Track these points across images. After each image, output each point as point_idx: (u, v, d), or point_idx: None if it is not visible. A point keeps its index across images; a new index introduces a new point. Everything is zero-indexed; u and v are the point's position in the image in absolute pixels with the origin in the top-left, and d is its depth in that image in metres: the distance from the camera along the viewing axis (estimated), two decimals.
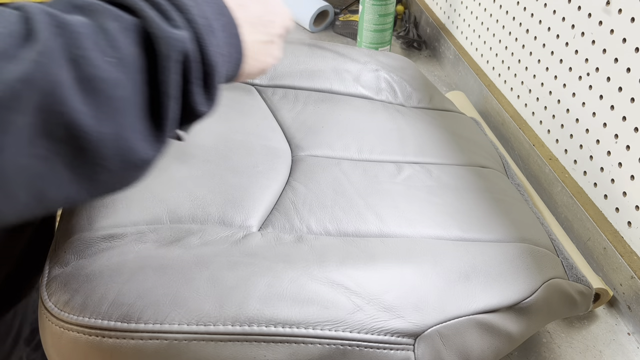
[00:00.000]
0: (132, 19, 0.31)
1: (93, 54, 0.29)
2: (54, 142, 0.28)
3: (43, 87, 0.27)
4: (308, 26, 1.17)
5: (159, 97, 0.32)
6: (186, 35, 0.32)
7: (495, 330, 0.47)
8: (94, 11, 0.31)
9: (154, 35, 0.31)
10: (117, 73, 0.30)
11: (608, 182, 0.63)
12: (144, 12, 0.32)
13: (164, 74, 0.32)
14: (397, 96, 0.74)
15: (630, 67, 0.58)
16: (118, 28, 0.30)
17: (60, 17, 0.29)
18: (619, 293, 0.60)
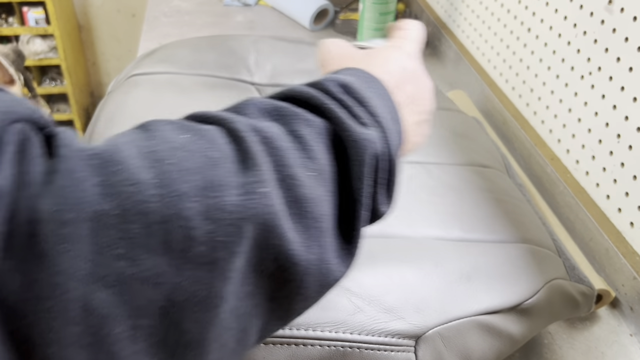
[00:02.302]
0: (322, 122, 0.29)
1: (298, 170, 0.27)
2: (262, 277, 0.25)
3: (262, 221, 0.24)
4: (308, 25, 1.16)
5: (352, 206, 0.29)
6: (375, 135, 0.30)
7: (496, 331, 0.46)
8: (284, 116, 0.29)
9: (347, 139, 0.29)
10: (319, 188, 0.27)
11: (610, 182, 0.62)
12: (333, 112, 0.29)
13: (358, 182, 0.29)
14: None
15: (633, 66, 0.58)
16: (311, 135, 0.28)
17: (263, 131, 0.26)
18: (621, 294, 0.60)
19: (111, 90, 0.69)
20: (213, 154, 0.24)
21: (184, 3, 1.28)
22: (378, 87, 0.34)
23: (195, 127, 0.26)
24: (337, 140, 0.29)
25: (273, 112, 0.29)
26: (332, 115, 0.29)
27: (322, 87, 0.31)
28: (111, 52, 2.20)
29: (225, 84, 0.69)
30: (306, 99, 0.30)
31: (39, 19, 1.80)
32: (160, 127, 0.25)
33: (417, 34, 0.43)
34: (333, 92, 0.31)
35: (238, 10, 1.26)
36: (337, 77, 0.32)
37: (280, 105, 0.29)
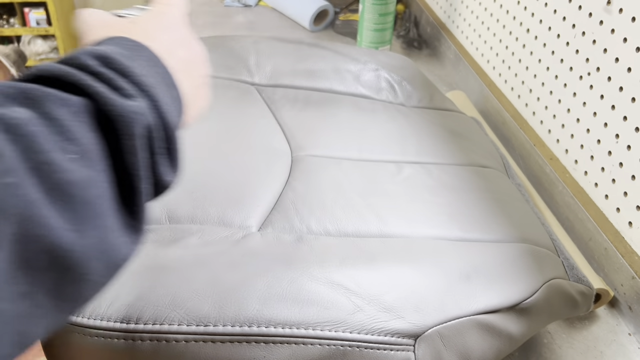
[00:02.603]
0: (80, 100, 0.27)
1: (54, 155, 0.25)
2: (35, 272, 0.24)
3: (16, 213, 0.23)
4: (308, 25, 1.16)
5: (129, 181, 0.29)
6: (144, 105, 0.29)
7: (496, 330, 0.47)
8: (33, 99, 0.26)
9: (110, 113, 0.28)
10: (84, 170, 0.26)
11: (609, 182, 0.63)
12: (91, 87, 0.28)
13: (131, 156, 0.28)
14: (397, 96, 0.74)
15: (631, 67, 0.58)
16: (68, 115, 0.26)
17: (7, 118, 0.24)
18: (620, 293, 0.60)
19: None
20: None
21: None
22: (146, 54, 0.33)
23: None
24: (102, 117, 0.28)
25: (20, 97, 0.26)
26: (91, 91, 0.28)
27: (76, 63, 0.29)
28: None
29: (226, 85, 0.69)
30: (58, 76, 0.28)
31: (40, 19, 1.80)
32: None
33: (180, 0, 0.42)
34: (89, 65, 0.29)
35: (238, 10, 1.26)
36: (94, 49, 0.30)
37: (28, 87, 0.27)
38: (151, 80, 0.31)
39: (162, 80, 0.33)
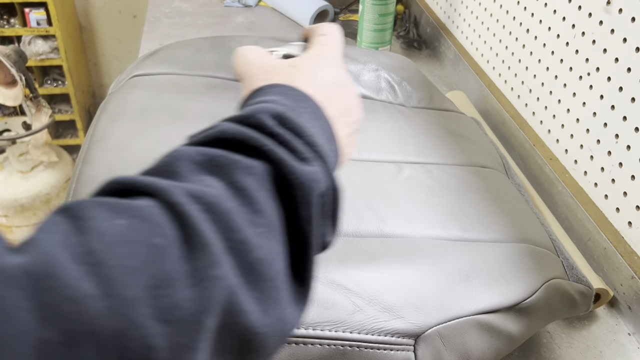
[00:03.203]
0: (262, 166, 0.27)
1: (248, 232, 0.25)
2: (224, 355, 0.23)
3: (222, 306, 0.22)
4: (308, 26, 1.17)
5: (302, 249, 0.28)
6: (319, 170, 0.29)
7: (495, 330, 0.47)
8: (220, 167, 0.26)
9: (292, 181, 0.27)
10: (271, 244, 0.26)
11: (608, 182, 0.63)
12: (273, 153, 0.27)
13: (307, 224, 0.28)
14: (397, 96, 0.74)
15: (631, 67, 0.58)
16: (254, 184, 0.26)
17: (205, 197, 0.24)
18: (620, 293, 0.60)
19: (112, 91, 0.70)
20: (156, 241, 0.22)
21: (185, 4, 1.28)
22: (310, 105, 0.33)
23: (129, 206, 0.23)
24: (280, 181, 0.28)
25: (208, 164, 0.26)
26: (273, 157, 0.28)
27: (255, 123, 0.29)
28: (112, 52, 2.21)
29: (226, 85, 0.69)
30: (241, 140, 0.28)
31: (41, 19, 1.80)
32: (90, 212, 0.22)
33: (337, 38, 0.41)
34: (268, 126, 0.29)
35: (239, 11, 1.26)
36: (269, 107, 0.30)
37: (214, 154, 0.27)
38: (321, 140, 0.31)
39: (324, 134, 0.32)
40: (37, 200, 1.70)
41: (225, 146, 0.28)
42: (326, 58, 0.38)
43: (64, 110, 2.05)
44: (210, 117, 0.62)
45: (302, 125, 0.30)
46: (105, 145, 0.57)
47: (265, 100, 0.32)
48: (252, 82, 0.36)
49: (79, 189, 0.52)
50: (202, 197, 0.24)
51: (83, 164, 0.56)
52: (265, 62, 0.38)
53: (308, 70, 0.36)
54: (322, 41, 0.40)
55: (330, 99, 0.35)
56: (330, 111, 0.34)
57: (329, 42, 0.40)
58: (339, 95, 0.37)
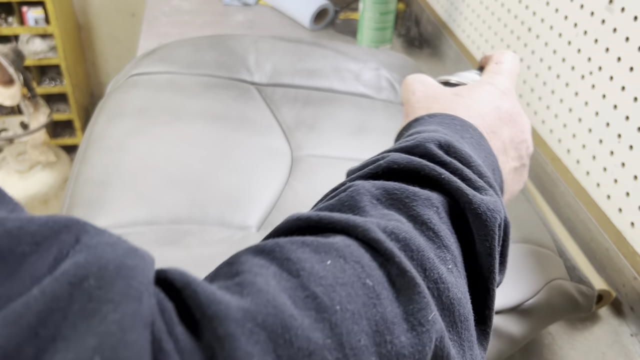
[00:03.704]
0: (439, 198, 0.26)
1: (441, 270, 0.24)
2: None
3: (435, 352, 0.22)
4: (308, 24, 1.16)
5: (484, 284, 0.26)
6: (498, 201, 0.27)
7: (497, 331, 0.46)
8: (400, 199, 0.25)
9: (471, 211, 0.26)
10: (458, 282, 0.24)
11: (611, 182, 0.62)
12: (449, 182, 0.26)
13: (489, 257, 0.26)
14: (398, 95, 0.74)
15: (634, 66, 0.58)
16: (435, 217, 0.25)
17: (398, 232, 0.23)
18: (622, 294, 0.60)
19: (111, 90, 0.69)
20: (367, 282, 0.21)
21: (184, 2, 1.28)
22: (472, 135, 0.31)
23: (329, 245, 0.22)
24: (458, 212, 0.26)
25: (387, 198, 0.26)
26: (449, 187, 0.26)
27: (423, 152, 0.28)
28: (111, 51, 2.20)
29: (225, 84, 0.69)
30: (414, 170, 0.27)
31: (39, 18, 1.80)
32: (294, 254, 0.21)
33: (513, 67, 0.38)
34: (437, 155, 0.28)
35: (238, 9, 1.26)
36: (433, 136, 0.29)
37: (391, 187, 0.26)
38: (487, 171, 0.29)
39: (489, 165, 0.30)
40: (35, 200, 1.69)
41: (398, 177, 0.27)
42: (495, 87, 0.36)
43: (62, 110, 2.04)
44: (209, 116, 0.62)
45: (468, 154, 0.29)
46: (104, 145, 0.56)
47: (424, 131, 0.30)
48: (412, 110, 0.35)
49: (77, 188, 0.52)
50: (396, 234, 0.23)
51: (81, 164, 0.55)
52: (429, 90, 0.36)
53: (473, 99, 0.34)
54: (495, 69, 0.38)
55: (495, 130, 0.33)
56: (495, 143, 0.32)
57: (502, 71, 0.38)
58: (506, 127, 0.34)
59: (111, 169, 0.53)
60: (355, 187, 0.26)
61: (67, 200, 0.51)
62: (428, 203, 0.26)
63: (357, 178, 0.28)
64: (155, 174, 0.53)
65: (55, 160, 1.73)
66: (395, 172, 0.27)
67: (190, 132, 0.59)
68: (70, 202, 0.51)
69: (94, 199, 0.50)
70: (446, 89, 0.36)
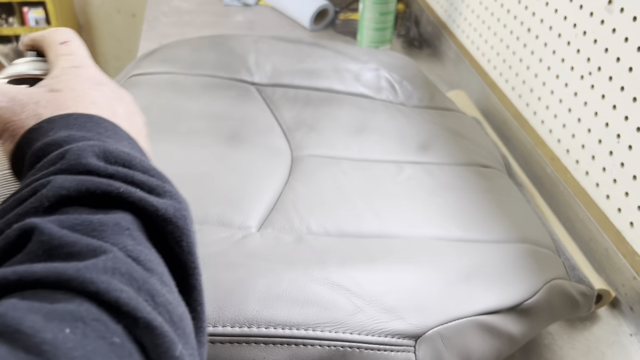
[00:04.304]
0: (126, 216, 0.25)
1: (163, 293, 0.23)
2: None
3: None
4: (308, 25, 1.16)
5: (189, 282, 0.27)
6: (175, 193, 0.27)
7: (496, 331, 0.46)
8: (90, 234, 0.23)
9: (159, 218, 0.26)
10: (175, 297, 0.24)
11: (610, 182, 0.62)
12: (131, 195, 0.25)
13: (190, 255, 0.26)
14: (397, 95, 0.74)
15: (632, 66, 0.58)
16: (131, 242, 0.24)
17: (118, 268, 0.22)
18: (621, 294, 0.60)
19: None
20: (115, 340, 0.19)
21: (184, 3, 1.28)
22: (106, 127, 0.29)
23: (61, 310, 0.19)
24: (148, 222, 0.25)
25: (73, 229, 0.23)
26: (130, 200, 0.25)
27: (85, 168, 0.25)
28: (111, 52, 2.20)
29: (225, 84, 0.69)
30: (88, 192, 0.24)
31: (39, 19, 1.80)
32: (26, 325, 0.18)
33: (80, 43, 0.36)
34: (100, 168, 0.26)
35: (238, 10, 1.26)
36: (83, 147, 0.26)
37: (72, 222, 0.23)
38: (145, 161, 0.28)
39: (137, 152, 0.29)
40: None
41: (71, 205, 0.24)
42: (85, 69, 0.33)
43: None
44: (210, 116, 0.62)
45: (126, 153, 0.27)
46: None
47: (56, 141, 0.27)
48: (12, 126, 0.29)
49: None
50: (117, 268, 0.22)
51: None
52: (15, 97, 0.30)
53: (75, 89, 0.31)
54: (66, 51, 0.34)
55: (114, 113, 0.32)
56: (121, 124, 0.31)
57: (75, 50, 0.35)
58: (118, 105, 0.33)
59: None
60: (37, 229, 0.22)
61: None
62: (118, 229, 0.24)
63: (21, 216, 0.24)
64: None
65: None
66: (68, 200, 0.24)
67: (190, 132, 0.59)
68: None
69: None
70: (35, 89, 0.31)
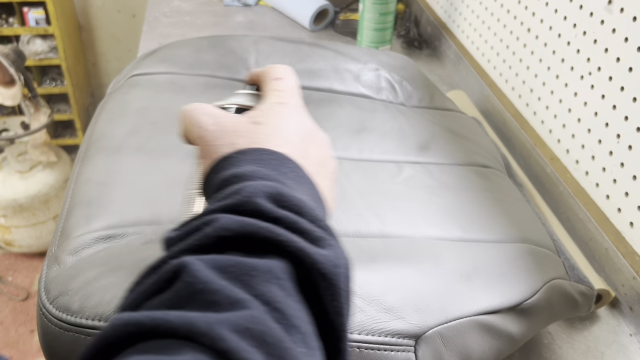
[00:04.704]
0: (281, 265, 0.24)
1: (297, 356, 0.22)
2: None
3: None
4: (308, 25, 1.16)
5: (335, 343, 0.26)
6: (339, 250, 0.26)
7: (496, 331, 0.46)
8: (238, 276, 0.23)
9: (316, 272, 0.25)
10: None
11: (610, 182, 0.62)
12: (289, 244, 0.25)
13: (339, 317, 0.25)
14: (397, 95, 0.74)
15: (632, 66, 0.58)
16: (280, 293, 0.23)
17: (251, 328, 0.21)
18: (621, 294, 0.60)
19: (111, 91, 0.69)
20: None
21: (184, 3, 1.28)
22: (289, 167, 0.30)
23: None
24: (303, 273, 0.25)
25: (224, 277, 0.23)
26: (290, 249, 0.25)
27: (252, 209, 0.26)
28: (111, 52, 2.20)
29: (226, 84, 0.69)
30: (248, 235, 0.25)
31: (40, 19, 1.80)
32: None
33: (294, 81, 0.36)
34: (268, 211, 0.26)
35: (238, 10, 1.26)
36: (258, 187, 0.27)
37: (226, 263, 0.24)
38: (319, 210, 0.27)
39: (312, 196, 0.29)
40: (36, 201, 1.70)
41: (230, 245, 0.25)
42: (289, 107, 0.34)
43: (62, 110, 2.04)
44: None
45: (299, 200, 0.27)
46: (104, 145, 0.57)
47: (241, 174, 0.28)
48: (211, 149, 0.31)
49: (78, 188, 0.52)
50: (251, 330, 0.21)
51: (82, 164, 0.55)
52: (221, 122, 0.32)
53: (274, 125, 0.32)
54: (278, 87, 0.35)
55: (305, 154, 0.32)
56: (309, 167, 0.31)
57: (286, 87, 0.35)
58: (312, 146, 0.33)
59: (112, 169, 0.53)
60: (187, 269, 0.23)
61: (67, 200, 0.52)
62: (270, 277, 0.24)
63: (182, 252, 0.25)
64: (155, 174, 0.53)
65: (56, 161, 1.74)
66: (228, 240, 0.25)
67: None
68: (71, 202, 0.51)
69: (95, 198, 0.50)
70: (241, 119, 0.33)
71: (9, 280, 1.78)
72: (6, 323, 1.66)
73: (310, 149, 0.33)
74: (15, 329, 1.65)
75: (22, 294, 1.73)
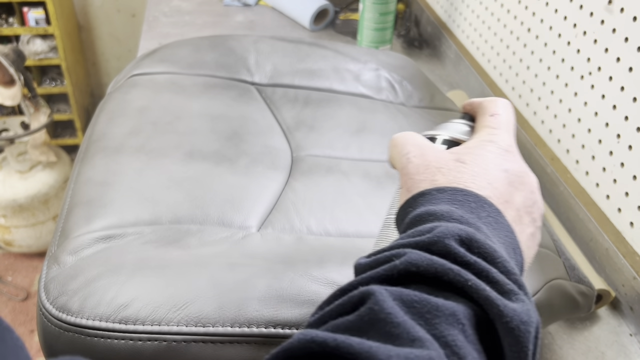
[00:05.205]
0: (465, 311, 0.24)
1: None
2: None
3: None
4: (308, 25, 1.16)
5: None
6: (530, 306, 0.25)
7: None
8: (421, 314, 0.23)
9: (502, 325, 0.24)
10: None
11: (610, 182, 0.62)
12: (479, 291, 0.24)
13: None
14: (397, 95, 0.74)
15: (632, 66, 0.58)
16: (462, 339, 0.23)
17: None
18: (621, 294, 0.60)
19: (111, 90, 0.69)
20: None
21: (184, 3, 1.28)
22: (488, 212, 0.29)
23: None
24: (486, 324, 0.24)
25: (406, 311, 0.23)
26: (477, 296, 0.24)
27: (443, 250, 0.25)
28: (111, 52, 2.20)
29: (225, 84, 0.69)
30: (436, 275, 0.25)
31: (39, 19, 1.80)
32: None
33: (510, 117, 0.35)
34: (459, 254, 0.25)
35: (238, 10, 1.26)
36: (451, 229, 0.26)
37: (412, 299, 0.24)
38: (515, 264, 0.27)
39: (509, 245, 0.28)
40: (36, 200, 1.69)
41: (416, 280, 0.25)
42: (498, 146, 0.32)
43: (62, 110, 2.04)
44: (210, 116, 0.62)
45: (493, 249, 0.26)
46: (104, 145, 0.57)
47: (436, 213, 0.28)
48: (411, 182, 0.31)
49: (78, 188, 0.52)
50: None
51: (82, 164, 0.55)
52: (426, 154, 0.32)
53: (479, 165, 0.31)
54: (492, 123, 0.34)
55: (509, 198, 0.30)
56: (510, 213, 0.30)
57: (500, 125, 0.34)
58: (517, 191, 0.31)
59: (112, 169, 0.53)
60: (373, 297, 0.23)
61: (67, 200, 0.52)
62: (453, 320, 0.23)
63: (369, 280, 0.26)
64: (155, 174, 0.53)
65: (55, 160, 1.73)
66: (414, 276, 0.25)
67: (190, 132, 0.59)
68: (71, 202, 0.51)
69: (95, 199, 0.50)
70: (445, 153, 0.32)
71: (9, 281, 1.78)
72: None
73: (516, 194, 0.31)
74: (15, 329, 1.64)
75: (21, 294, 1.73)
